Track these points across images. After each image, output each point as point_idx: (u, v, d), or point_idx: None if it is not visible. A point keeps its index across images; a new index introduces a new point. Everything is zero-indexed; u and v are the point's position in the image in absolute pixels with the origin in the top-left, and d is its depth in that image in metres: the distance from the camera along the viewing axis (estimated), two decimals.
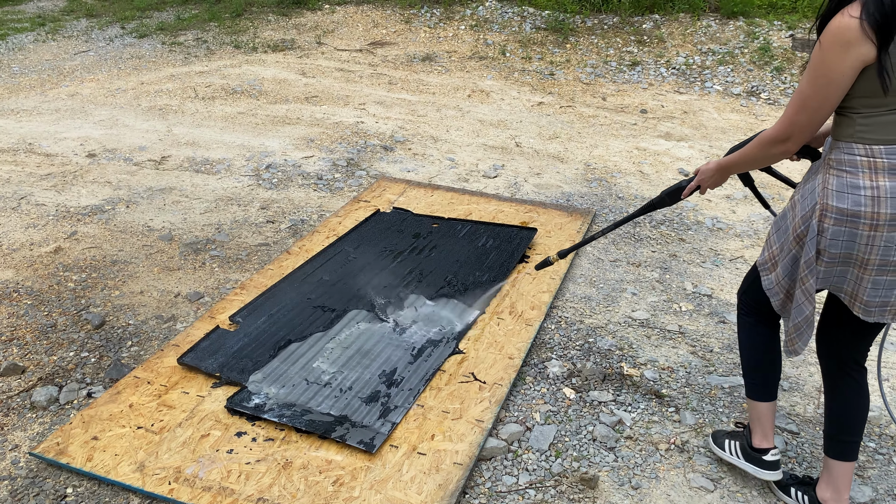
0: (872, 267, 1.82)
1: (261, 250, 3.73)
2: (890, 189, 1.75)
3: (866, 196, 1.77)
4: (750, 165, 2.06)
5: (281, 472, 2.24)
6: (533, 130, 5.78)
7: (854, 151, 1.79)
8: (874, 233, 1.78)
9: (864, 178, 1.78)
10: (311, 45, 8.40)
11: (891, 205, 1.76)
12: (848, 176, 1.80)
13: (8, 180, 4.49)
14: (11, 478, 2.26)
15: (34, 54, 8.12)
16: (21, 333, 2.99)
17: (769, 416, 2.23)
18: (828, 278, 1.90)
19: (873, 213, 1.77)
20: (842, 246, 1.84)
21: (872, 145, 1.77)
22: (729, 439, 2.37)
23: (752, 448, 2.26)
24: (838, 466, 2.12)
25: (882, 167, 1.76)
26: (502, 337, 2.98)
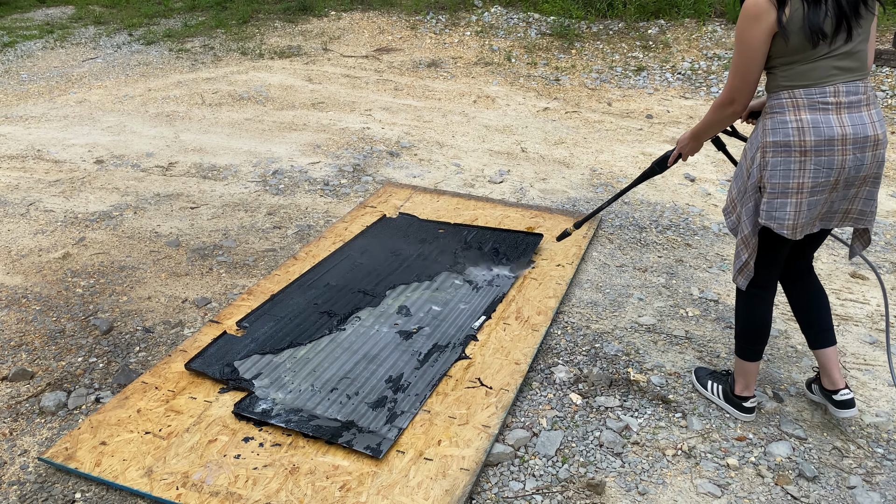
0: (807, 190, 2.19)
1: (268, 256, 3.75)
2: (811, 121, 2.15)
3: (793, 128, 2.17)
4: (713, 129, 2.41)
5: (288, 478, 2.25)
6: (538, 136, 5.78)
7: (781, 97, 2.19)
8: (804, 158, 2.16)
9: (789, 115, 2.17)
10: (317, 51, 8.44)
11: (813, 133, 2.15)
12: (778, 116, 2.20)
13: (17, 187, 4.52)
14: (21, 483, 2.27)
15: (42, 61, 8.18)
16: (30, 339, 3.00)
17: (755, 372, 2.58)
18: (770, 212, 2.23)
19: (800, 141, 2.16)
20: (780, 175, 2.20)
21: (793, 89, 2.17)
22: (712, 380, 2.73)
23: (735, 395, 2.62)
24: (824, 355, 2.54)
25: (802, 104, 2.16)
26: (509, 342, 2.98)
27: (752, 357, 2.55)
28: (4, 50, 8.58)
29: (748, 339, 2.53)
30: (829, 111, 2.15)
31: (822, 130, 2.14)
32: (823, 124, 2.14)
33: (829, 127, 2.14)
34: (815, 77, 2.14)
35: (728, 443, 2.52)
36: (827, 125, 2.14)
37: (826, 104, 2.14)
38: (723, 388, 2.68)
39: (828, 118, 2.14)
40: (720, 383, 2.70)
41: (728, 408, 2.65)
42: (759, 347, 2.54)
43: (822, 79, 2.14)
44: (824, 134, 2.14)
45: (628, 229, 4.15)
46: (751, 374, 2.58)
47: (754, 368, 2.57)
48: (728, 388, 2.65)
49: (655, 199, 4.59)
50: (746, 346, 2.54)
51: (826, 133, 2.14)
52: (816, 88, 2.14)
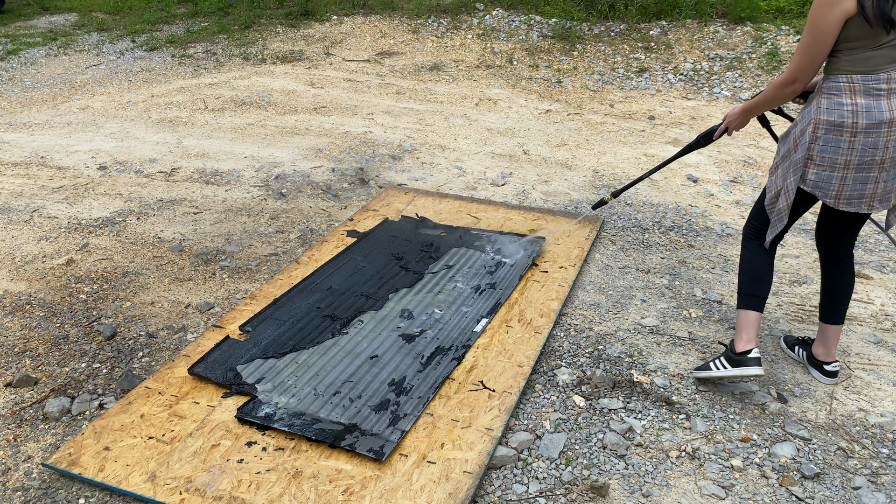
0: (853, 167, 2.39)
1: (270, 260, 3.75)
2: (864, 105, 2.33)
3: (848, 111, 2.35)
4: (767, 106, 2.58)
5: (291, 482, 2.25)
6: (541, 138, 5.78)
7: (839, 80, 2.37)
8: (854, 138, 2.36)
9: (846, 98, 2.35)
10: (319, 55, 8.45)
11: (865, 117, 2.33)
12: (835, 97, 2.37)
13: (20, 193, 4.53)
14: (25, 489, 2.28)
15: (46, 68, 8.21)
16: (34, 345, 3.01)
17: (757, 323, 2.72)
18: (818, 182, 2.45)
19: (853, 123, 2.35)
20: (830, 151, 2.39)
21: (852, 74, 2.34)
22: (712, 361, 2.79)
23: (738, 353, 2.70)
24: (830, 329, 2.79)
25: (859, 90, 2.34)
26: (511, 345, 2.98)
27: (756, 306, 2.71)
28: (8, 57, 8.62)
29: (749, 287, 2.72)
30: (881, 97, 2.33)
31: (874, 115, 2.33)
32: (875, 109, 2.33)
33: (879, 112, 2.33)
34: (874, 64, 2.31)
35: (732, 444, 2.51)
36: (878, 110, 2.33)
37: (879, 90, 2.32)
38: (724, 356, 2.76)
39: (879, 103, 2.33)
40: (721, 357, 2.78)
41: (739, 371, 2.67)
42: (762, 296, 2.72)
43: (879, 66, 2.31)
44: (875, 118, 2.33)
45: (631, 231, 4.15)
46: (753, 326, 2.71)
47: (757, 320, 2.71)
48: (730, 352, 2.73)
49: (658, 200, 4.58)
50: (751, 295, 2.72)
51: (877, 117, 2.33)
52: (872, 75, 2.32)
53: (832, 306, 2.78)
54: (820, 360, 2.83)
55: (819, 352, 2.84)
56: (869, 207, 2.47)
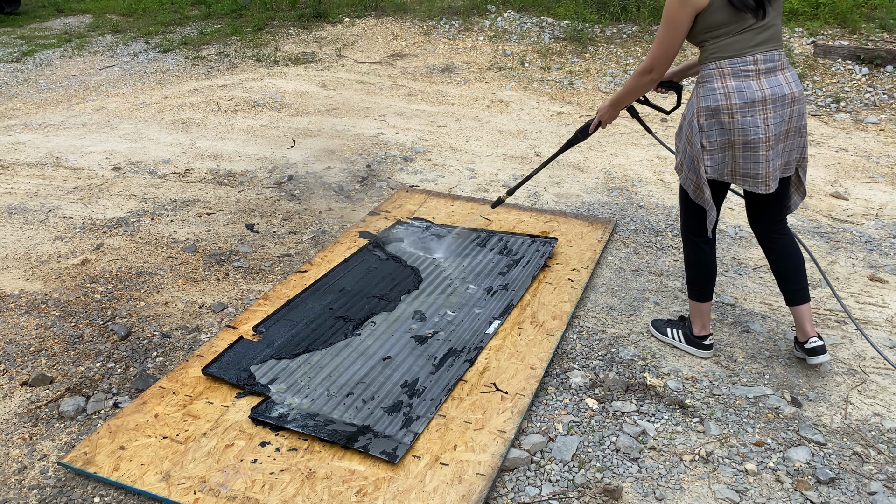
0: (739, 146, 2.53)
1: (283, 261, 3.77)
2: (735, 87, 2.49)
3: (720, 93, 2.50)
4: (631, 95, 2.77)
5: (304, 483, 2.26)
6: (552, 140, 5.78)
7: (710, 67, 2.54)
8: (732, 119, 2.50)
9: (717, 83, 2.51)
10: (331, 57, 8.48)
11: (738, 97, 2.48)
12: (708, 84, 2.54)
13: (36, 194, 4.57)
14: (40, 487, 2.30)
15: (61, 70, 8.28)
16: (49, 344, 3.03)
17: (708, 312, 2.94)
18: (715, 166, 2.60)
19: (728, 105, 2.50)
20: (716, 134, 2.55)
21: (720, 60, 2.50)
22: (670, 328, 3.07)
23: (695, 336, 2.98)
24: (797, 310, 2.83)
25: (728, 73, 2.50)
26: (524, 347, 2.97)
27: (704, 297, 2.90)
28: (24, 59, 8.69)
29: (699, 282, 2.89)
30: (750, 77, 2.48)
31: (745, 94, 2.48)
32: (746, 88, 2.48)
33: (750, 91, 2.48)
34: (738, 49, 2.48)
35: (746, 448, 2.50)
36: (749, 90, 2.48)
37: (747, 72, 2.48)
38: (682, 332, 3.03)
39: (749, 83, 2.48)
40: (678, 328, 3.05)
41: (690, 349, 3.00)
42: (709, 289, 2.90)
43: (743, 50, 2.48)
44: (747, 97, 2.48)
45: (644, 233, 4.13)
46: (706, 315, 2.94)
47: (708, 308, 2.93)
48: (688, 331, 3.00)
49: (671, 202, 4.57)
50: (698, 288, 2.90)
51: (748, 96, 2.48)
52: (739, 59, 2.48)
53: (790, 287, 2.82)
54: (801, 342, 2.87)
55: (799, 335, 2.89)
56: (766, 188, 2.57)
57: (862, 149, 5.63)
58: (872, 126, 6.17)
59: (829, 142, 5.75)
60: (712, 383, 2.83)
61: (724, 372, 2.90)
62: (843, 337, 3.15)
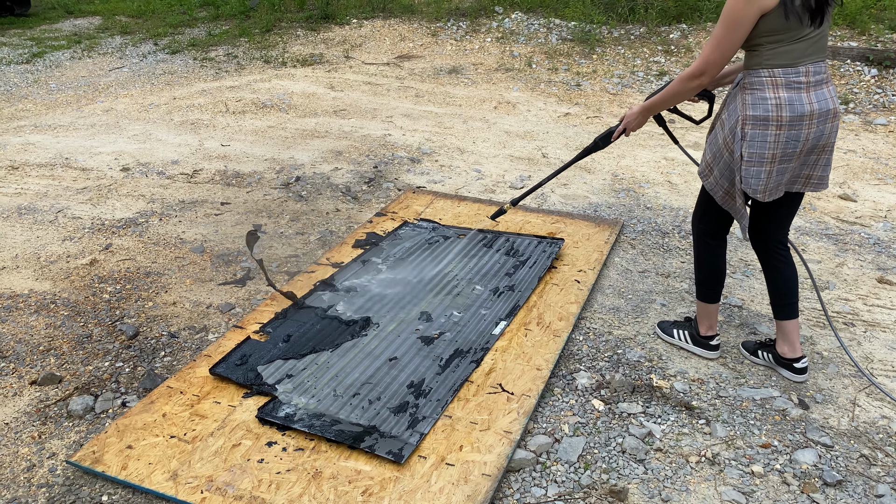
0: (777, 160, 2.45)
1: (290, 261, 3.78)
2: (787, 98, 2.39)
3: (772, 104, 2.39)
4: (671, 101, 2.61)
5: (311, 482, 2.27)
6: (559, 141, 5.78)
7: (761, 74, 2.41)
8: (779, 132, 2.41)
9: (769, 92, 2.40)
10: (339, 59, 8.50)
11: (789, 110, 2.38)
12: (758, 92, 2.41)
13: (45, 194, 4.60)
14: (49, 485, 2.31)
15: (70, 71, 8.33)
16: (58, 344, 3.06)
17: (716, 313, 2.93)
18: (747, 178, 2.48)
19: (778, 117, 2.39)
20: (757, 146, 2.43)
21: (774, 68, 2.38)
22: (676, 329, 3.05)
23: (701, 336, 2.96)
24: (788, 325, 2.78)
25: (781, 83, 2.39)
26: (530, 348, 2.98)
27: (713, 299, 2.89)
28: (34, 60, 8.75)
29: (709, 283, 2.86)
30: (801, 90, 2.39)
31: (796, 108, 2.39)
32: (797, 102, 2.39)
33: (801, 104, 2.39)
34: (793, 57, 2.36)
35: (753, 450, 2.49)
36: (799, 103, 2.39)
37: (799, 83, 2.38)
38: (688, 332, 3.01)
39: (800, 96, 2.39)
40: (684, 329, 3.03)
41: (696, 350, 2.98)
42: (718, 290, 2.88)
43: (797, 59, 2.37)
44: (797, 111, 2.39)
45: (651, 234, 4.13)
46: (713, 315, 2.93)
47: (715, 310, 2.92)
48: (694, 332, 2.98)
49: (678, 203, 4.56)
50: (708, 290, 2.88)
51: (798, 110, 2.39)
52: (793, 69, 2.37)
53: (783, 301, 2.77)
54: (788, 359, 2.82)
55: (785, 350, 2.83)
56: (777, 193, 2.55)
57: (871, 150, 5.61)
58: (881, 128, 6.15)
59: (838, 143, 5.72)
60: (719, 385, 2.83)
61: (730, 374, 2.90)
62: (851, 339, 3.14)
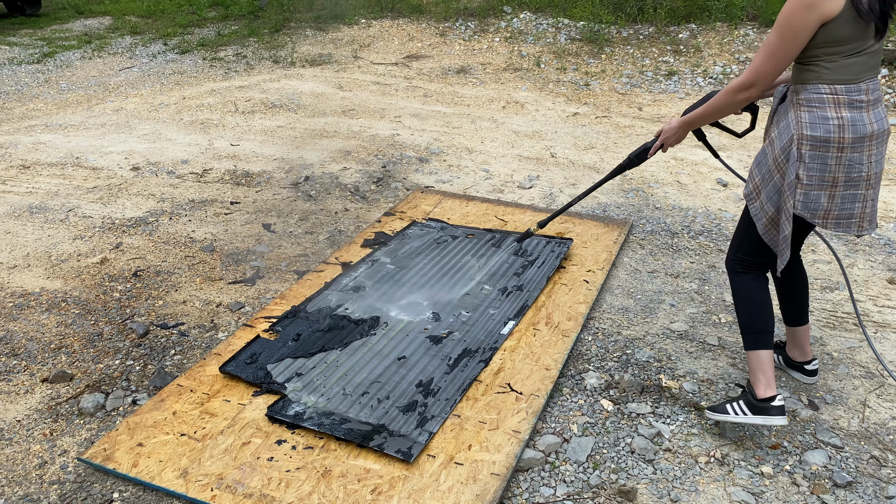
0: (841, 184, 2.24)
1: (299, 260, 3.79)
2: (850, 119, 2.18)
3: (834, 125, 2.19)
4: (715, 115, 2.42)
5: (320, 481, 2.27)
6: (568, 141, 5.77)
7: (821, 91, 2.19)
8: (841, 154, 2.20)
9: (831, 111, 2.19)
10: (347, 59, 8.52)
11: (852, 131, 2.18)
12: (818, 111, 2.20)
13: (56, 193, 4.63)
14: (60, 482, 2.33)
15: (81, 71, 8.37)
16: (69, 342, 3.07)
17: (771, 363, 2.48)
18: (806, 203, 2.26)
19: (840, 138, 2.19)
20: (816, 168, 2.22)
21: (835, 84, 2.18)
22: (730, 403, 2.51)
23: (760, 400, 2.43)
24: (799, 331, 2.72)
25: (844, 102, 2.18)
26: (539, 348, 2.98)
27: (764, 344, 2.47)
28: (45, 60, 8.80)
29: (756, 326, 2.48)
30: (862, 108, 2.20)
31: (858, 128, 2.20)
32: (860, 122, 2.20)
33: (863, 125, 2.20)
34: (854, 73, 2.17)
35: (762, 451, 2.49)
36: (861, 123, 2.20)
37: (860, 102, 2.19)
38: (745, 401, 2.47)
39: (862, 116, 2.20)
40: (739, 400, 2.49)
41: (760, 420, 2.41)
42: (769, 333, 2.49)
43: (858, 75, 2.18)
44: (860, 132, 2.20)
45: (660, 235, 4.12)
46: (768, 367, 2.46)
47: (770, 359, 2.47)
48: (751, 397, 2.45)
49: (688, 204, 4.55)
50: (756, 335, 2.48)
51: (861, 131, 2.20)
52: (854, 85, 2.18)
53: (794, 308, 2.70)
54: (799, 362, 2.80)
55: (796, 354, 2.79)
56: (859, 229, 2.30)
57: None
58: (893, 128, 6.11)
59: None
60: (728, 386, 2.82)
61: (740, 374, 2.89)
62: (862, 340, 3.13)
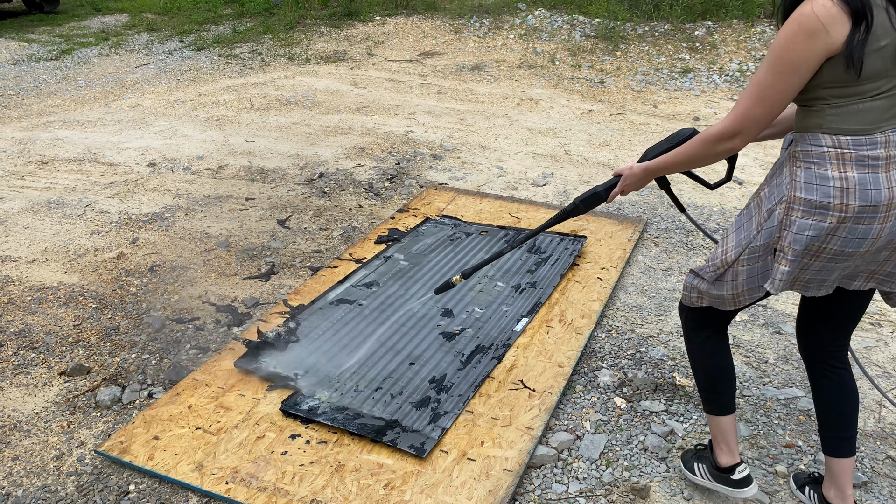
0: (826, 255, 1.78)
1: (314, 257, 3.81)
2: (858, 181, 1.69)
3: (835, 187, 1.71)
4: (687, 165, 1.96)
5: (334, 475, 2.29)
6: (583, 138, 5.76)
7: (821, 142, 1.73)
8: (840, 224, 1.72)
9: (832, 170, 1.71)
10: (362, 56, 8.53)
11: (859, 196, 1.69)
12: (817, 168, 1.73)
13: (74, 189, 4.68)
14: (78, 474, 2.36)
15: (98, 68, 8.44)
16: (86, 335, 3.11)
17: (732, 430, 2.16)
18: (785, 280, 1.81)
19: (842, 205, 1.71)
20: (805, 239, 1.75)
21: (839, 135, 1.70)
22: (697, 462, 2.28)
23: (719, 468, 2.17)
24: (837, 464, 2.10)
25: (850, 158, 1.70)
26: (552, 345, 2.98)
27: (725, 410, 2.14)
28: (62, 57, 8.88)
29: (716, 387, 2.14)
30: (878, 168, 1.70)
31: (870, 194, 1.69)
32: (872, 186, 1.70)
33: (877, 190, 1.70)
34: (868, 121, 1.68)
35: (776, 450, 2.47)
36: (875, 187, 1.70)
37: (876, 159, 1.70)
38: (706, 465, 2.24)
39: (877, 178, 1.70)
40: (704, 462, 2.26)
41: (719, 488, 2.18)
42: (729, 396, 2.13)
43: (874, 123, 1.69)
44: (872, 198, 1.70)
45: (674, 233, 4.11)
46: (730, 434, 2.15)
47: (731, 424, 2.14)
48: (711, 463, 2.21)
49: (703, 202, 4.53)
50: (715, 396, 2.14)
51: (873, 197, 1.70)
52: (867, 137, 1.69)
53: (833, 434, 2.10)
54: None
55: (831, 494, 2.13)
56: (828, 289, 1.91)
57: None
58: None
59: None
60: (743, 385, 2.81)
61: (754, 373, 2.88)
62: (878, 340, 3.10)
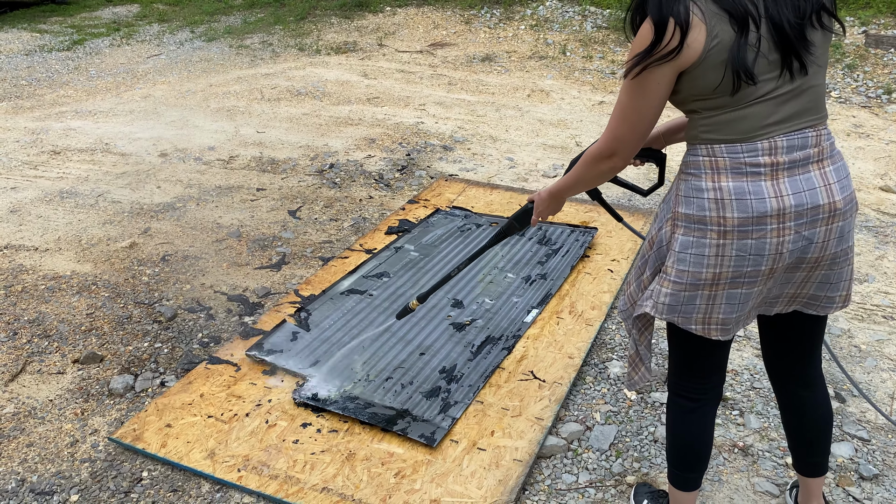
0: (725, 281, 1.62)
1: (324, 247, 3.82)
2: (734, 190, 1.56)
3: (709, 199, 1.58)
4: (583, 186, 1.85)
5: (344, 463, 2.30)
6: (594, 130, 5.73)
7: (697, 153, 1.62)
8: (723, 241, 1.58)
9: (706, 180, 1.59)
10: (372, 46, 8.52)
11: (737, 208, 1.56)
12: (693, 179, 1.62)
13: (86, 179, 4.70)
14: (91, 460, 2.38)
15: (110, 58, 8.47)
16: (99, 324, 3.13)
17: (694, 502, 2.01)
18: (674, 305, 1.67)
19: (719, 218, 1.57)
20: (690, 261, 1.62)
21: (713, 145, 1.58)
22: (648, 501, 2.16)
23: None
24: (808, 483, 2.04)
25: (724, 166, 1.57)
26: (562, 336, 2.98)
27: (685, 486, 1.95)
28: (74, 47, 8.91)
29: (680, 463, 1.93)
30: (760, 176, 1.56)
31: (750, 204, 1.56)
32: (752, 195, 1.56)
33: (759, 199, 1.55)
34: (744, 129, 1.55)
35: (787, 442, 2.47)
36: (757, 197, 1.55)
37: (757, 166, 1.55)
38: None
39: (759, 186, 1.56)
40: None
41: None
42: (694, 475, 1.94)
43: (753, 131, 1.55)
44: (752, 209, 1.55)
45: None
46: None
47: (691, 501, 1.97)
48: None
49: None
50: (678, 471, 1.94)
51: (756, 208, 1.55)
52: (746, 144, 1.55)
53: (807, 460, 2.00)
54: None
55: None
56: (724, 334, 1.70)
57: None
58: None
59: (880, 134, 5.60)
60: (753, 376, 2.80)
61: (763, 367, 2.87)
62: (891, 333, 3.09)
